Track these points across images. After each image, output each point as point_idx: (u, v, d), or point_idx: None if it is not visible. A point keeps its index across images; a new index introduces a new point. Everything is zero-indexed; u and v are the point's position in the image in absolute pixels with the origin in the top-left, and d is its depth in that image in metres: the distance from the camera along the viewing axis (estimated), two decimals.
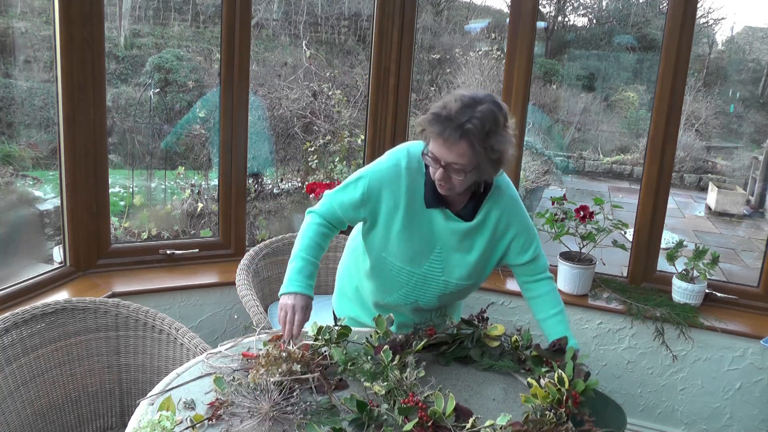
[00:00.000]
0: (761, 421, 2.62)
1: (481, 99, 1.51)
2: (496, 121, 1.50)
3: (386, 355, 1.53)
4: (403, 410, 1.34)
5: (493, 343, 1.71)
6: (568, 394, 1.42)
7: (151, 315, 1.90)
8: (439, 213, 1.67)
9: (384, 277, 1.79)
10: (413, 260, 1.72)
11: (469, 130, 1.46)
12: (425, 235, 1.70)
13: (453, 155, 1.49)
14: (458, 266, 1.74)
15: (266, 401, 1.34)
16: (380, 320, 1.66)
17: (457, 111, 1.47)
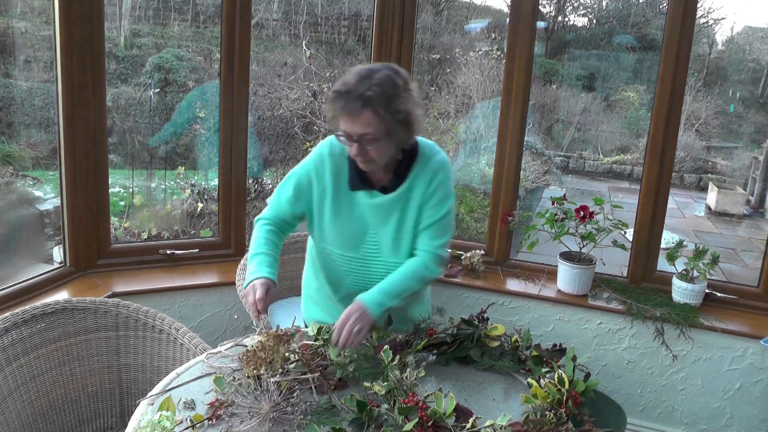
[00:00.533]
0: (761, 421, 2.62)
1: (377, 68, 1.55)
2: (395, 85, 1.54)
3: (386, 355, 1.53)
4: (403, 410, 1.34)
5: (493, 343, 1.71)
6: (569, 395, 1.42)
7: (151, 315, 1.90)
8: (364, 194, 1.70)
9: (329, 268, 1.81)
10: (349, 245, 1.74)
11: (369, 97, 1.50)
12: (355, 218, 1.72)
13: (360, 126, 1.53)
14: (394, 244, 1.72)
15: (266, 401, 1.34)
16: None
17: (355, 83, 1.51)
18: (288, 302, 2.61)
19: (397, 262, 1.74)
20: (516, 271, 3.00)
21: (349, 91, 1.52)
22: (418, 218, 1.72)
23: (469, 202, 6.07)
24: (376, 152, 1.58)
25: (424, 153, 1.71)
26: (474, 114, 7.44)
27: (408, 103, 1.56)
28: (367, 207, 1.71)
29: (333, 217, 1.73)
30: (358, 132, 1.54)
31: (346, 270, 1.79)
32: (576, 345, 2.78)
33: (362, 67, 1.56)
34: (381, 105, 1.51)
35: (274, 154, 5.72)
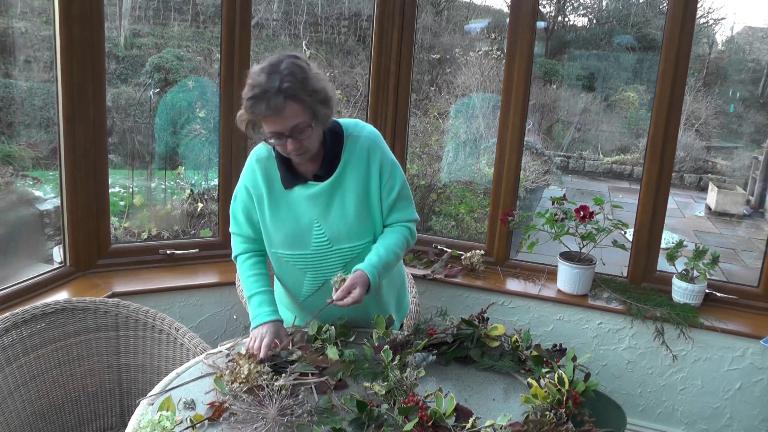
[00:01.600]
0: (761, 421, 2.62)
1: (278, 60, 1.54)
2: (302, 69, 1.53)
3: (386, 355, 1.53)
4: (403, 410, 1.34)
5: (493, 343, 1.71)
6: (569, 395, 1.42)
7: (151, 315, 1.90)
8: (300, 188, 1.69)
9: (286, 271, 1.80)
10: (296, 242, 1.72)
11: (287, 88, 1.49)
12: (296, 215, 1.71)
13: (289, 119, 1.52)
14: (342, 229, 1.71)
15: (272, 405, 1.33)
16: (380, 320, 1.67)
17: (267, 81, 1.49)
18: None
19: (352, 245, 1.72)
20: (516, 271, 3.00)
21: (265, 90, 1.49)
22: (367, 199, 1.71)
23: (469, 202, 6.07)
24: (308, 140, 1.57)
25: (350, 133, 1.70)
26: (474, 114, 7.44)
27: (320, 81, 1.56)
28: (306, 199, 1.69)
29: (273, 219, 1.72)
30: (289, 126, 1.53)
31: (302, 269, 1.76)
32: (576, 345, 2.78)
33: (263, 65, 1.53)
34: (300, 91, 1.51)
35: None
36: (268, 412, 1.32)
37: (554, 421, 1.35)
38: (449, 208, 5.90)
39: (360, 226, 1.71)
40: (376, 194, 1.72)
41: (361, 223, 1.71)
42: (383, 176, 1.71)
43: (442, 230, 5.47)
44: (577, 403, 1.42)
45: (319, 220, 1.70)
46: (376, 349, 1.58)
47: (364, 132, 1.72)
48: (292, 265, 1.76)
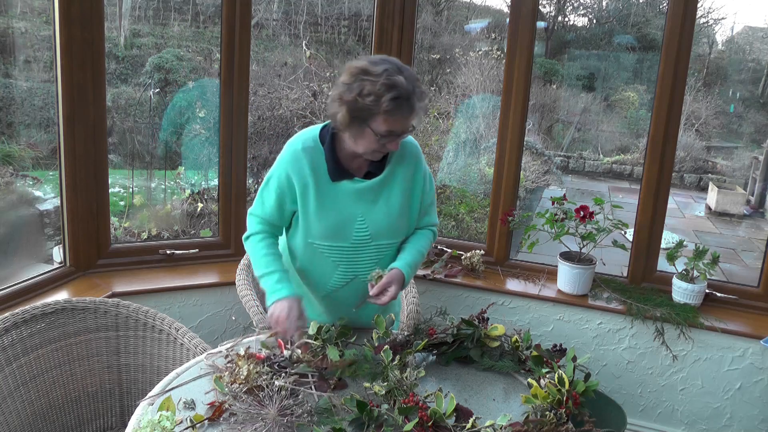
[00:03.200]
0: (761, 421, 2.62)
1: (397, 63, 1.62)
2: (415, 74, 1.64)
3: (386, 355, 1.53)
4: (403, 410, 1.34)
5: (494, 343, 1.71)
6: (569, 395, 1.42)
7: (151, 315, 1.90)
8: (347, 183, 1.73)
9: (316, 263, 1.80)
10: (338, 235, 1.74)
11: (421, 94, 1.61)
12: (341, 207, 1.74)
13: (410, 121, 1.62)
14: (384, 225, 1.77)
15: (272, 406, 1.33)
16: (380, 320, 1.67)
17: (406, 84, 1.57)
18: None
19: (389, 242, 1.80)
20: (516, 271, 3.00)
21: (408, 93, 1.57)
22: (410, 199, 1.80)
23: (469, 202, 6.07)
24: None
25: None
26: (474, 114, 7.44)
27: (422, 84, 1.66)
28: (354, 194, 1.73)
29: (318, 209, 1.73)
30: (407, 127, 1.62)
31: (336, 261, 1.77)
32: (576, 345, 2.78)
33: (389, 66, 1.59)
34: (420, 97, 1.61)
35: (274, 154, 5.72)
36: (268, 413, 1.32)
37: (554, 421, 1.35)
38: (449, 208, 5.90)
39: (400, 225, 1.80)
40: (417, 196, 1.81)
41: (401, 222, 1.80)
42: (426, 181, 1.83)
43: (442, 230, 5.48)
44: (577, 404, 1.42)
45: (364, 214, 1.75)
46: (376, 349, 1.58)
47: (409, 138, 1.80)
48: (327, 256, 1.77)
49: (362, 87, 1.57)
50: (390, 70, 1.58)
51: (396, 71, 1.58)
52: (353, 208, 1.74)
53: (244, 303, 2.25)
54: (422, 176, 1.81)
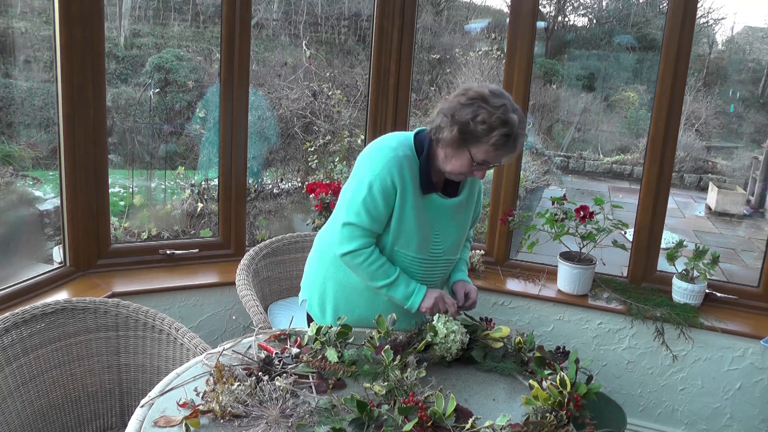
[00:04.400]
0: (761, 421, 2.62)
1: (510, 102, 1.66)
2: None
3: (387, 355, 1.53)
4: (403, 410, 1.34)
5: (497, 344, 1.71)
6: (570, 397, 1.42)
7: (151, 315, 1.90)
8: (434, 196, 1.79)
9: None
10: (421, 246, 1.80)
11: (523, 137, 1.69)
12: (428, 220, 1.79)
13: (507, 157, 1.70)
14: (453, 242, 1.86)
15: (275, 407, 1.33)
16: (381, 320, 1.66)
17: (518, 125, 1.64)
18: (288, 302, 2.61)
19: (453, 258, 1.90)
20: (516, 271, 3.00)
21: (516, 134, 1.64)
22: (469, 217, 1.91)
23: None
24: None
25: None
26: None
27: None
28: (439, 209, 1.80)
29: (415, 219, 1.75)
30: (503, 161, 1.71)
31: (415, 272, 1.83)
32: (576, 345, 2.78)
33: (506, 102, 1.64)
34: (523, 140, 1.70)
35: (274, 154, 5.72)
36: (270, 414, 1.32)
37: (554, 423, 1.35)
38: None
39: (461, 242, 1.91)
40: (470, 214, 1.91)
41: (462, 239, 1.91)
42: (479, 197, 1.93)
43: None
44: (578, 406, 1.42)
45: (440, 230, 1.82)
46: (377, 349, 1.58)
47: None
48: (407, 266, 1.82)
49: (477, 113, 1.61)
50: (507, 107, 1.63)
51: (512, 109, 1.64)
52: (434, 223, 1.80)
53: (244, 303, 2.25)
54: (478, 195, 1.92)
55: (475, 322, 1.79)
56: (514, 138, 1.64)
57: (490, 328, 1.75)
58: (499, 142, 1.62)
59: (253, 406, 1.35)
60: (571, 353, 1.62)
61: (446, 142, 1.66)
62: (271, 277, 2.60)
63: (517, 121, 1.64)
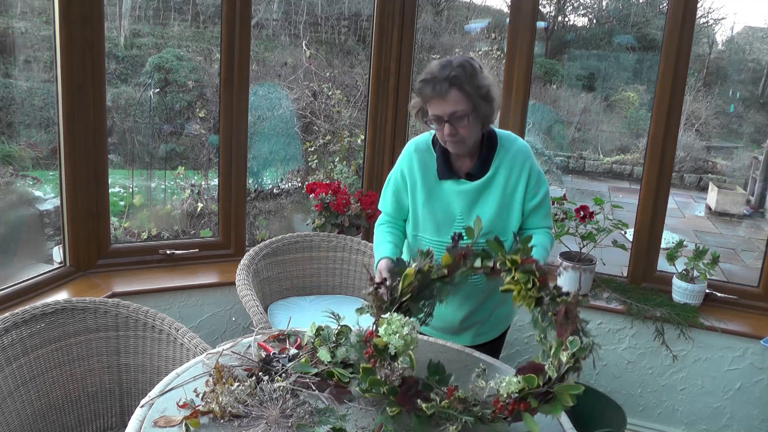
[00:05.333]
0: (761, 421, 2.62)
1: (454, 58, 1.73)
2: (473, 67, 1.71)
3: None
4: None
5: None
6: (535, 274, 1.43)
7: (151, 315, 1.90)
8: (452, 182, 1.84)
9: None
10: (440, 230, 1.85)
11: (454, 77, 1.67)
12: (445, 205, 1.84)
13: (450, 105, 1.69)
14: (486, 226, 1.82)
15: (275, 408, 1.33)
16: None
17: (438, 69, 1.70)
18: (288, 302, 2.61)
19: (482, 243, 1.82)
20: None
21: (435, 76, 1.68)
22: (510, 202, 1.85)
23: None
24: (466, 130, 1.72)
25: (503, 142, 1.86)
26: None
27: (486, 80, 1.73)
28: (456, 194, 1.84)
29: (425, 204, 1.86)
30: (449, 111, 1.69)
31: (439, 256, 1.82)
32: None
33: (441, 59, 1.74)
34: (465, 82, 1.68)
35: (274, 154, 5.72)
36: (270, 414, 1.32)
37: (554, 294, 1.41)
38: None
39: (496, 227, 1.85)
40: (519, 201, 1.85)
41: (497, 224, 1.85)
42: (530, 183, 1.85)
43: None
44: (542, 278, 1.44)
45: (463, 214, 1.85)
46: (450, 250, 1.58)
47: (517, 142, 1.88)
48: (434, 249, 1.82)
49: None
50: (434, 63, 1.72)
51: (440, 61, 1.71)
52: (454, 207, 1.85)
53: (244, 303, 2.25)
54: (526, 179, 1.84)
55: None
56: (434, 80, 1.67)
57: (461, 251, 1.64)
58: (423, 90, 1.70)
59: (253, 407, 1.35)
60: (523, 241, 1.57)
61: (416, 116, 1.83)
62: (271, 277, 2.60)
63: (438, 65, 1.69)
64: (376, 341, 1.43)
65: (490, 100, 1.73)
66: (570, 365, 1.29)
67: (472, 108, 1.70)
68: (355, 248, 2.73)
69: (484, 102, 1.72)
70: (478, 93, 1.70)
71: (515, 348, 2.92)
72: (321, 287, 2.72)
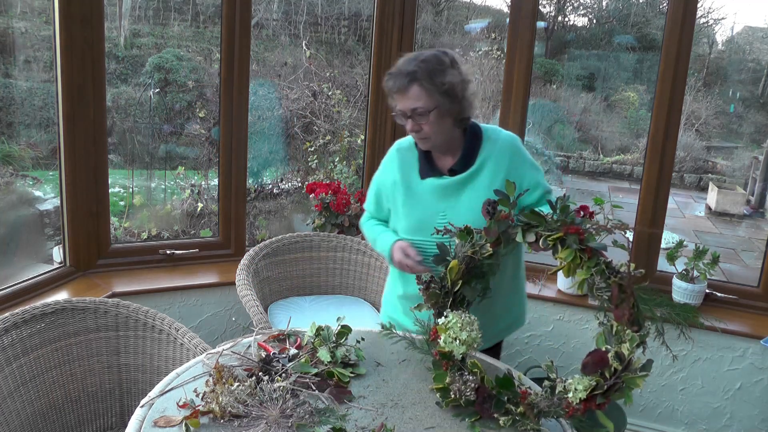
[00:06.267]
0: (761, 421, 2.62)
1: (426, 51, 1.70)
2: (439, 62, 1.67)
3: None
4: None
5: None
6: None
7: (151, 315, 1.90)
8: (434, 180, 1.79)
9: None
10: (421, 229, 1.80)
11: (414, 72, 1.65)
12: (426, 203, 1.80)
13: (410, 101, 1.66)
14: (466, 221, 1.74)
15: (275, 408, 1.33)
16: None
17: (403, 64, 1.68)
18: (288, 302, 2.61)
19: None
20: None
21: (398, 70, 1.68)
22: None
23: None
24: (429, 126, 1.68)
25: (489, 136, 1.80)
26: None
27: (452, 76, 1.67)
28: (437, 189, 1.79)
29: (404, 204, 1.82)
30: (409, 107, 1.67)
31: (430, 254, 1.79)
32: (576, 345, 2.78)
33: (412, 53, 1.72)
34: (425, 79, 1.65)
35: (274, 154, 5.72)
36: (270, 414, 1.32)
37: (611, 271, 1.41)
38: None
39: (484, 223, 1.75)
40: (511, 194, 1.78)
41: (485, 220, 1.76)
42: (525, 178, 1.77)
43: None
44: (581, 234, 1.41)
45: (446, 210, 1.79)
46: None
47: (502, 135, 1.82)
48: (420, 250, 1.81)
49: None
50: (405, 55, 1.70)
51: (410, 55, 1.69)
52: (436, 204, 1.79)
53: (244, 303, 2.25)
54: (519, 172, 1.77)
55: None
56: (399, 75, 1.66)
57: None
58: (387, 83, 1.71)
59: (253, 407, 1.35)
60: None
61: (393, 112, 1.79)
62: (271, 277, 2.60)
63: (404, 61, 1.68)
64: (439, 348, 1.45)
65: (454, 97, 1.67)
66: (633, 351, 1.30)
67: (434, 105, 1.66)
68: (355, 248, 2.73)
69: (448, 99, 1.67)
70: (439, 89, 1.65)
71: (515, 348, 2.92)
72: (321, 287, 2.72)
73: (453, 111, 1.70)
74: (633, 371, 1.28)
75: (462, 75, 1.69)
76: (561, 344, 2.83)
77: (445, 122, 1.71)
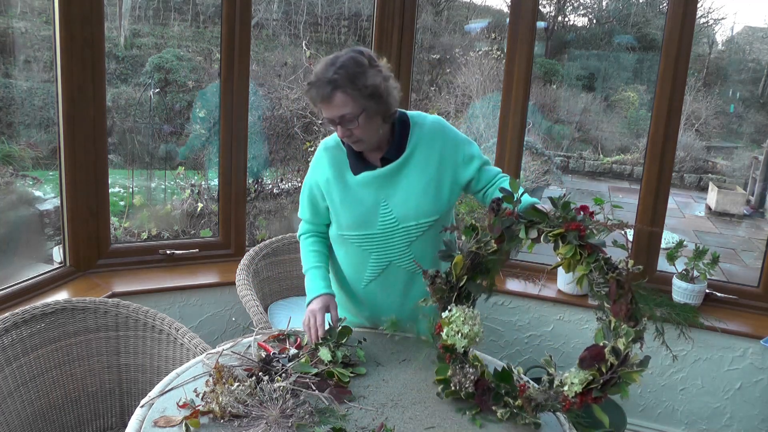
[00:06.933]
0: (761, 421, 2.62)
1: (341, 54, 1.66)
2: (358, 64, 1.63)
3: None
4: None
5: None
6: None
7: (151, 315, 1.90)
8: (368, 173, 1.77)
9: (350, 254, 1.85)
10: (365, 223, 1.78)
11: (335, 80, 1.60)
12: (364, 197, 1.78)
13: (336, 109, 1.63)
14: (410, 207, 1.77)
15: (275, 408, 1.33)
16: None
17: (322, 71, 1.63)
18: (288, 302, 2.61)
19: (418, 223, 1.77)
20: (516, 271, 3.00)
21: (319, 79, 1.62)
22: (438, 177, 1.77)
23: (469, 202, 6.07)
24: (360, 130, 1.66)
25: (416, 121, 1.79)
26: (474, 114, 7.44)
27: (373, 77, 1.64)
28: (373, 181, 1.77)
29: (342, 201, 1.79)
30: (336, 114, 1.64)
31: (367, 249, 1.80)
32: (576, 345, 2.78)
33: (329, 56, 1.66)
34: (348, 85, 1.61)
35: (274, 154, 5.72)
36: (270, 414, 1.32)
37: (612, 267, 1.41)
38: None
39: (428, 205, 1.77)
40: (449, 174, 1.78)
41: (428, 202, 1.77)
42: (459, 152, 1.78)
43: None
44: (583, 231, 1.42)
45: (387, 200, 1.77)
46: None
47: (429, 118, 1.82)
48: (358, 246, 1.81)
49: None
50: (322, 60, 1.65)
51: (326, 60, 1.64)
52: (375, 196, 1.77)
53: (244, 303, 2.25)
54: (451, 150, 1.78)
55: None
56: (316, 83, 1.62)
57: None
58: (308, 94, 1.66)
59: (253, 407, 1.35)
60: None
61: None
62: (271, 277, 2.60)
63: (321, 68, 1.63)
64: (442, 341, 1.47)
65: (379, 98, 1.65)
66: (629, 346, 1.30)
67: (360, 109, 1.63)
68: None
69: (373, 101, 1.64)
70: (363, 94, 1.62)
71: (515, 348, 2.92)
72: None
73: (380, 111, 1.68)
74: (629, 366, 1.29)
75: (382, 72, 1.67)
76: (561, 344, 2.83)
77: (375, 122, 1.69)
